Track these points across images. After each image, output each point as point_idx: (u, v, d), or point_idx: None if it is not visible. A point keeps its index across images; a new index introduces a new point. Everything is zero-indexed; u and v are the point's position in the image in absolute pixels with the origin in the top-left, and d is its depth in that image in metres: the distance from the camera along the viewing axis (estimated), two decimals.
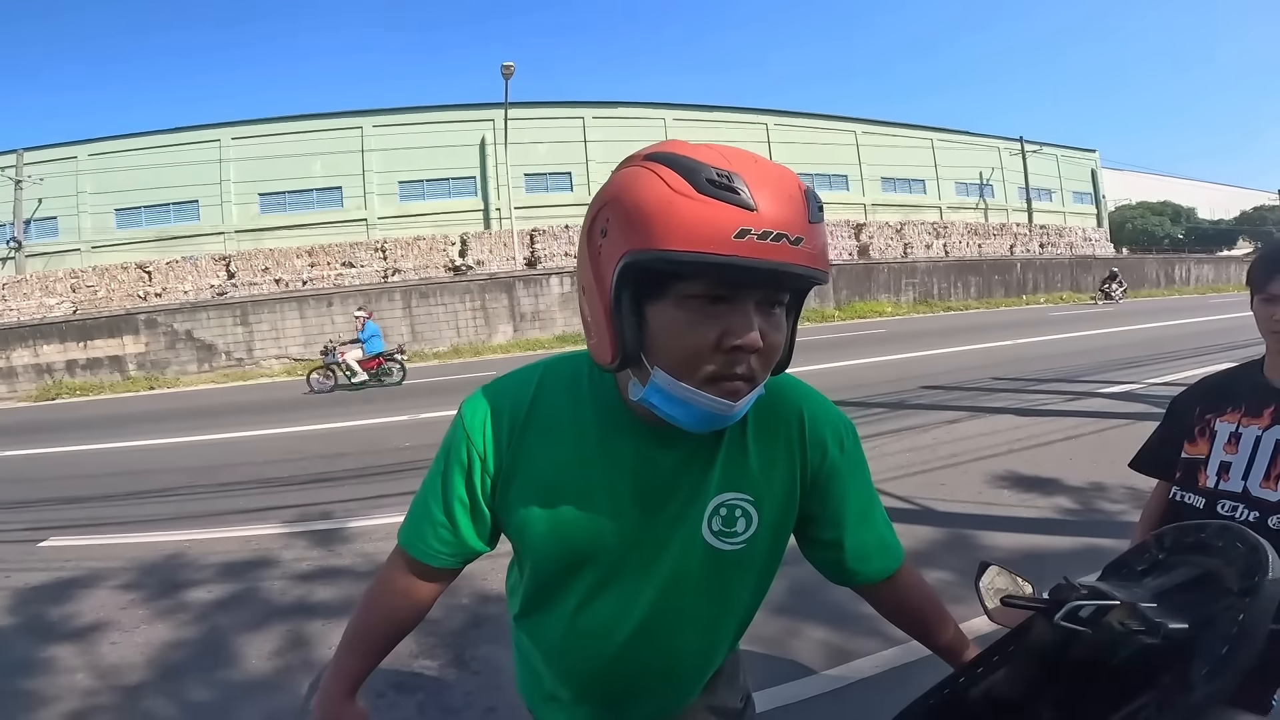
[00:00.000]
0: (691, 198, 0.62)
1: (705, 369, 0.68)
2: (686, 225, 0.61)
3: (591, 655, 0.87)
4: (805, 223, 0.64)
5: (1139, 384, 7.33)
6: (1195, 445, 1.41)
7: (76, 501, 5.16)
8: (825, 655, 2.46)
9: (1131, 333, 12.70)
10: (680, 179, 0.63)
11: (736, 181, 0.61)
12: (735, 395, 0.70)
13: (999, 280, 25.91)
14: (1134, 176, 44.85)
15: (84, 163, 25.37)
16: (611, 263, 0.68)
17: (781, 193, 0.64)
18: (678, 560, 0.83)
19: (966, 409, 6.44)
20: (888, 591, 0.94)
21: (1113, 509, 3.69)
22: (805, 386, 0.91)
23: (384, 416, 7.98)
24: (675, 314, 0.67)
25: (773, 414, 0.85)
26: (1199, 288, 31.68)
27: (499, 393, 0.84)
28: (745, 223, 0.61)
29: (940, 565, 3.04)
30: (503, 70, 18.69)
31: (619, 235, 0.66)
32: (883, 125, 33.81)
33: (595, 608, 0.85)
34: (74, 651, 2.81)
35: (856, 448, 0.90)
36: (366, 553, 3.64)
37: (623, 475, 0.81)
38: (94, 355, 16.43)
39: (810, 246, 0.64)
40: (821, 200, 0.68)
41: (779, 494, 0.85)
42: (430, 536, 0.86)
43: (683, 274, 0.65)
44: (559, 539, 0.82)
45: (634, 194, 0.65)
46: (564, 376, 0.85)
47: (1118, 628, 0.65)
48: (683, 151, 0.66)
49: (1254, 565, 0.62)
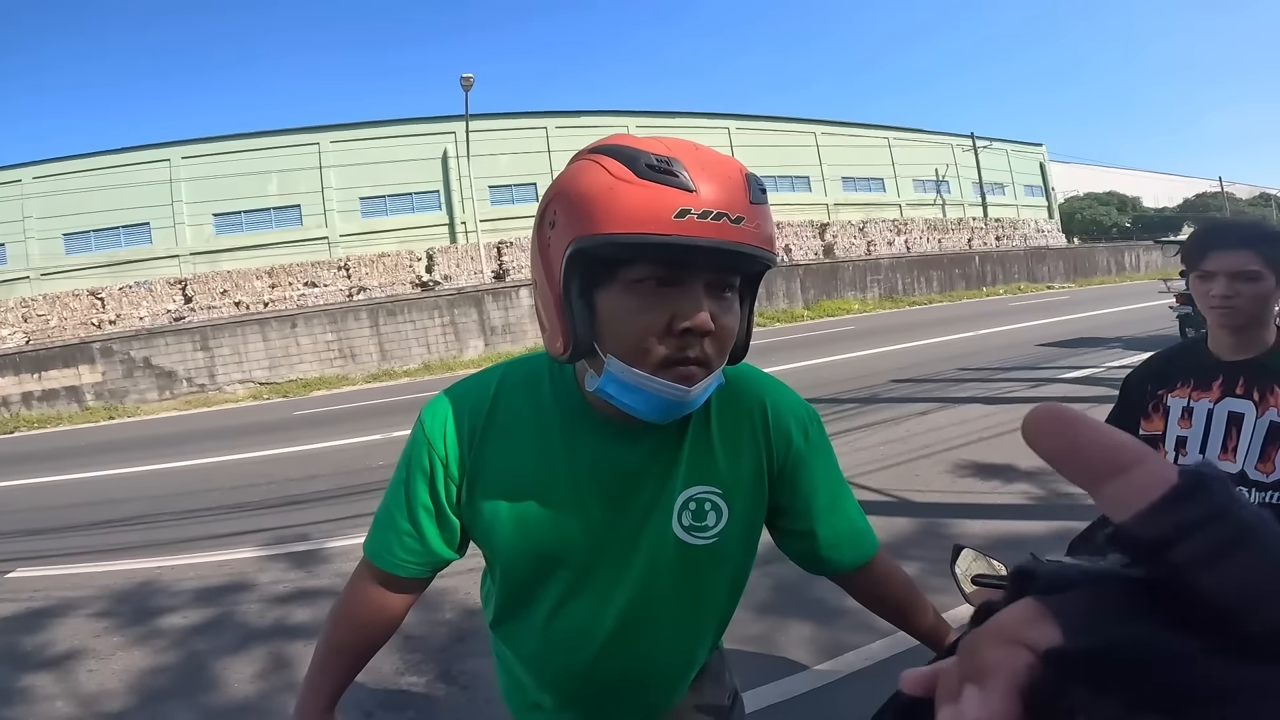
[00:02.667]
0: (632, 182, 0.63)
1: (657, 353, 0.68)
2: (627, 209, 0.63)
3: (570, 659, 0.86)
4: (746, 203, 0.66)
5: (1099, 368, 7.55)
6: (1151, 422, 1.44)
7: (41, 533, 5.00)
8: (813, 651, 2.48)
9: (1090, 319, 13.08)
10: (621, 166, 0.64)
11: (675, 165, 0.63)
12: (689, 380, 0.69)
13: (959, 274, 26.47)
14: (1080, 169, 46.24)
15: (29, 186, 24.53)
16: (560, 252, 0.68)
17: (720, 175, 0.65)
18: (650, 557, 0.82)
19: (936, 400, 6.58)
20: (864, 580, 0.94)
21: (1080, 491, 3.78)
22: (767, 377, 0.91)
23: (356, 436, 7.85)
24: (624, 299, 0.68)
25: (736, 405, 0.85)
26: (1149, 273, 32.72)
27: (458, 396, 0.84)
28: (685, 203, 0.63)
29: (918, 555, 3.10)
30: (462, 82, 18.57)
31: (565, 224, 0.68)
32: (841, 126, 34.38)
33: (569, 610, 0.84)
34: (51, 680, 2.76)
35: (821, 435, 0.90)
36: (345, 573, 3.57)
37: (587, 473, 0.80)
38: (50, 386, 15.85)
39: (753, 226, 0.66)
40: (765, 186, 0.69)
41: (747, 485, 0.85)
42: (396, 546, 0.84)
43: (628, 258, 0.66)
44: (526, 541, 0.81)
45: (578, 184, 0.67)
46: (524, 377, 0.84)
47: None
48: (626, 142, 0.68)
49: None
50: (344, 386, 15.46)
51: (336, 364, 16.99)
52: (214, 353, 16.62)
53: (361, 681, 2.56)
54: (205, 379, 16.53)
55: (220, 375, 16.61)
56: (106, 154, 25.22)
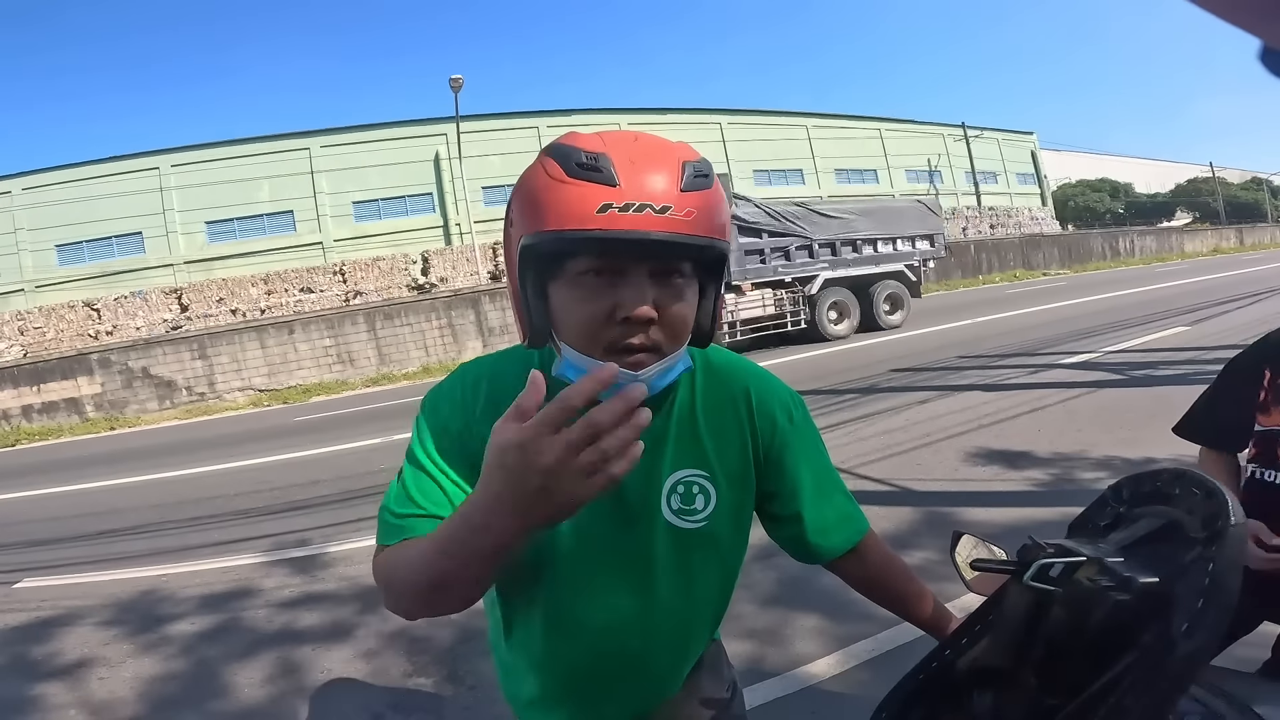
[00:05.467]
0: (563, 181, 0.67)
1: (603, 340, 0.71)
2: (557, 206, 0.67)
3: (563, 645, 0.86)
4: (675, 191, 0.67)
5: (1096, 353, 7.56)
6: (1270, 416, 1.23)
7: (47, 544, 5.01)
8: (818, 644, 2.48)
9: (1086, 304, 13.11)
10: (556, 166, 0.68)
11: (603, 161, 0.66)
12: (637, 367, 0.70)
13: (955, 263, 26.45)
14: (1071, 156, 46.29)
15: (19, 197, 24.42)
16: (515, 248, 0.73)
17: (650, 164, 0.67)
18: (642, 543, 0.83)
19: (936, 389, 6.59)
20: (855, 565, 0.94)
21: (1084, 477, 3.81)
22: (750, 364, 0.93)
23: (356, 441, 7.85)
24: (570, 291, 0.71)
25: (720, 391, 0.87)
26: (1144, 258, 32.82)
27: (453, 383, 0.85)
28: (607, 198, 0.65)
29: (923, 545, 3.09)
30: (451, 83, 18.56)
31: (518, 222, 0.72)
32: (833, 118, 34.36)
33: (562, 596, 0.84)
34: (63, 689, 2.77)
35: (806, 419, 0.92)
36: (349, 576, 3.58)
37: None
38: (49, 399, 15.82)
39: (682, 214, 0.67)
40: (710, 169, 0.71)
41: (734, 470, 0.86)
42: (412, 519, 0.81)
43: (569, 252, 0.69)
44: None
45: (525, 185, 0.72)
46: (517, 363, 0.86)
47: (1087, 584, 0.64)
48: (569, 141, 0.70)
49: (1215, 511, 0.61)
50: (343, 391, 15.46)
51: (335, 369, 16.98)
52: (212, 361, 16.60)
53: (369, 683, 2.56)
54: (205, 387, 16.52)
55: (220, 383, 16.60)
56: (96, 163, 25.11)
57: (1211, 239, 38.97)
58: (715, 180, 0.71)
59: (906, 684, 0.81)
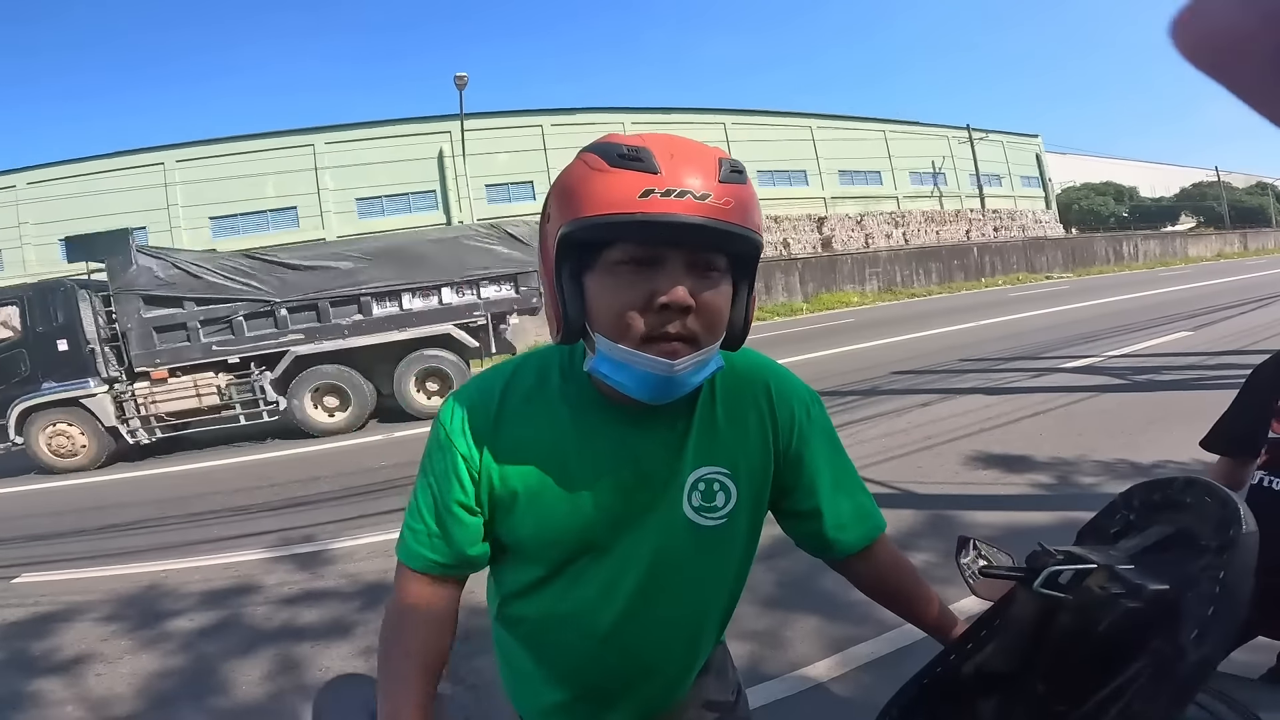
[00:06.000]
0: (604, 170, 0.68)
1: (638, 329, 0.71)
2: (598, 193, 0.68)
3: (577, 644, 0.86)
4: (714, 181, 0.68)
5: (1099, 357, 7.55)
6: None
7: (46, 538, 5.00)
8: (819, 645, 2.48)
9: (1089, 308, 13.08)
10: (597, 158, 0.69)
11: (644, 153, 0.68)
12: (673, 355, 0.71)
13: (958, 265, 26.49)
14: (1076, 159, 46.22)
15: (24, 191, 24.53)
16: (552, 241, 0.73)
17: (689, 157, 0.69)
18: (661, 539, 0.83)
19: (937, 391, 6.58)
20: (868, 566, 0.94)
21: (1086, 481, 3.80)
22: (768, 360, 0.93)
23: (357, 437, 7.85)
24: (607, 280, 0.72)
25: (740, 388, 0.87)
26: (1148, 262, 32.77)
27: (472, 391, 0.86)
28: (649, 184, 0.66)
29: (924, 547, 3.10)
30: (456, 81, 18.54)
31: (555, 215, 0.73)
32: (837, 119, 34.34)
33: (579, 594, 0.84)
34: (60, 684, 2.76)
35: (824, 416, 0.92)
36: (351, 573, 3.57)
37: (598, 456, 0.81)
38: None
39: (722, 202, 0.68)
40: (744, 168, 0.72)
41: (754, 466, 0.86)
42: (425, 548, 0.84)
43: (607, 239, 0.70)
44: (541, 527, 0.82)
45: (565, 179, 0.73)
46: (535, 368, 0.86)
47: (1098, 592, 0.63)
48: (609, 139, 0.72)
49: (1227, 519, 0.61)
50: None
51: None
52: None
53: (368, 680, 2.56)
54: None
55: None
56: (101, 158, 25.20)
57: (1215, 244, 38.92)
58: (748, 179, 0.72)
59: (910, 688, 0.80)
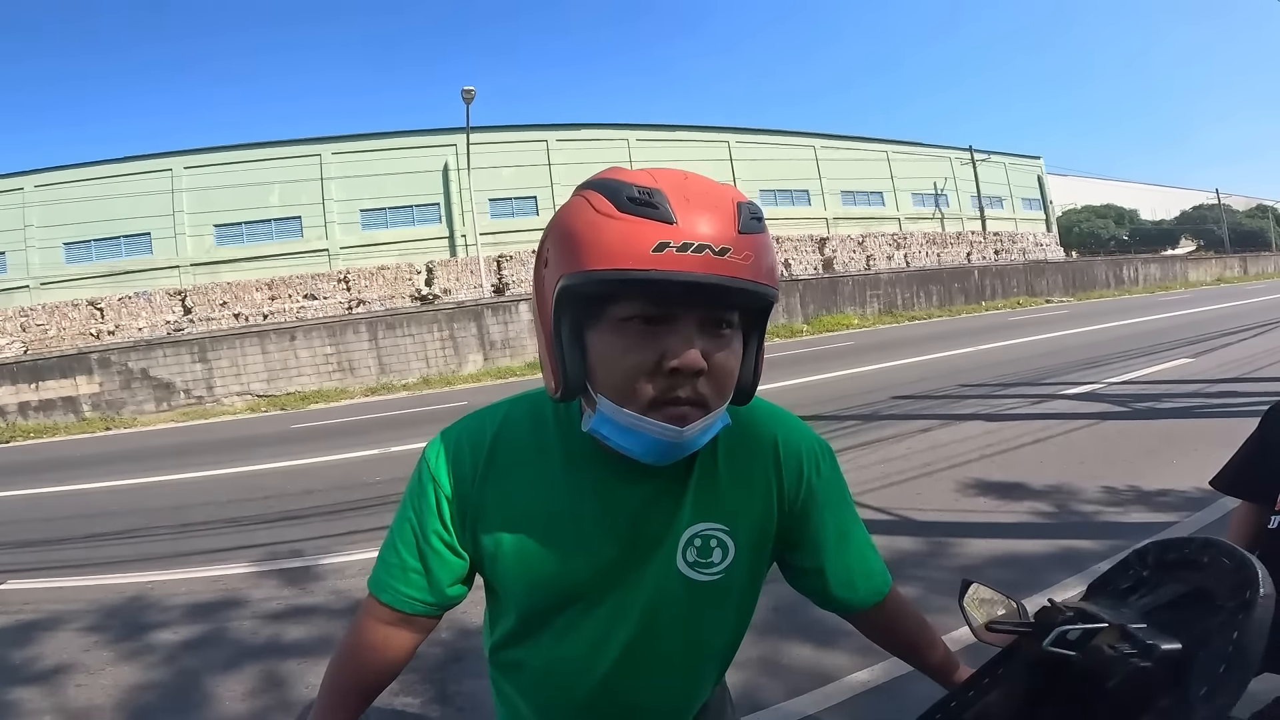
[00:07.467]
0: (614, 217, 0.62)
1: (646, 393, 0.66)
2: (606, 244, 0.61)
3: (569, 694, 0.84)
4: (733, 234, 0.63)
5: (1100, 384, 7.53)
6: None
7: (35, 545, 4.97)
8: (813, 674, 2.44)
9: (1089, 334, 13.08)
10: (605, 200, 0.63)
11: (657, 197, 0.61)
12: (682, 421, 0.66)
13: (959, 288, 26.52)
14: (1077, 181, 46.56)
15: (30, 194, 24.64)
16: (551, 290, 0.67)
17: (706, 205, 0.63)
18: (653, 593, 0.80)
19: (937, 417, 6.55)
20: (875, 617, 0.92)
21: (1086, 509, 3.77)
22: (778, 409, 0.89)
23: (353, 451, 7.81)
24: (612, 338, 0.66)
25: (746, 441, 0.83)
26: (1148, 286, 32.82)
27: (461, 432, 0.82)
28: (664, 236, 0.60)
29: (921, 575, 3.06)
30: (463, 95, 18.69)
31: (555, 262, 0.67)
32: (840, 139, 34.62)
33: (571, 643, 0.82)
34: (39, 694, 2.72)
35: (835, 471, 0.88)
36: (340, 590, 3.53)
37: (591, 508, 0.78)
38: (47, 396, 15.80)
39: (741, 258, 0.63)
40: (762, 213, 0.66)
41: (755, 522, 0.83)
42: (401, 582, 0.81)
43: (614, 295, 0.64)
44: (529, 576, 0.80)
45: (566, 221, 0.66)
46: (528, 413, 0.82)
47: (1108, 651, 0.62)
48: (614, 175, 0.66)
49: (1244, 581, 0.60)
50: (342, 400, 15.43)
51: (335, 377, 16.96)
52: (212, 365, 16.60)
53: None
54: (203, 391, 16.50)
55: (218, 387, 16.58)
56: (108, 163, 25.34)
57: (1215, 268, 39.01)
58: (765, 225, 0.68)
59: None
